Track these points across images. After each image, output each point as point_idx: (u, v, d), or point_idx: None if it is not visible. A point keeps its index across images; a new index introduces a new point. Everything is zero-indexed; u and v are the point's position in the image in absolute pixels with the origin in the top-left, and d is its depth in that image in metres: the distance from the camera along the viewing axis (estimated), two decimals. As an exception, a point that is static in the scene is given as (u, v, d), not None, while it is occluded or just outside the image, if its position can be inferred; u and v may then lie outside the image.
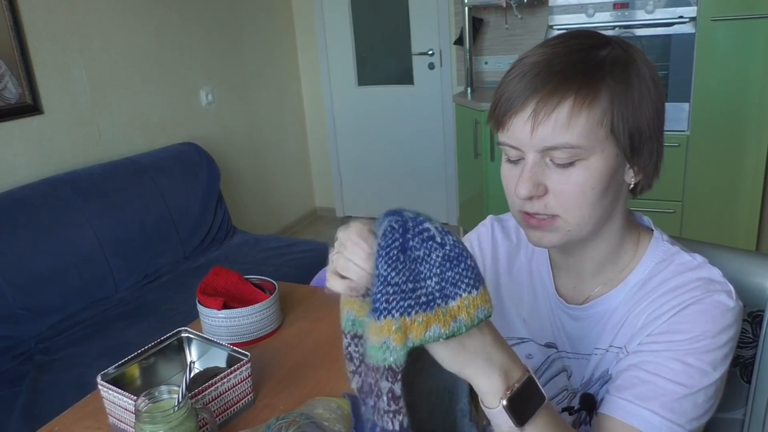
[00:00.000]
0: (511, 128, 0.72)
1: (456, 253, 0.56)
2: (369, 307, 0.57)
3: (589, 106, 0.68)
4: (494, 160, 3.10)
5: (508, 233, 0.95)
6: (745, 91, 2.64)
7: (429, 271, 0.56)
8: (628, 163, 0.74)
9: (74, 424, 1.11)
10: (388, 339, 0.55)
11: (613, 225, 0.78)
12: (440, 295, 0.56)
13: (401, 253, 0.56)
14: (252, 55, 3.77)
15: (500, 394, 0.59)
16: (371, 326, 0.56)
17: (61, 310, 2.22)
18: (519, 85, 0.71)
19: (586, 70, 0.69)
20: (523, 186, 0.71)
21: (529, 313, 0.89)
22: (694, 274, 0.76)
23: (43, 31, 2.51)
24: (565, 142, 0.69)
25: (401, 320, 0.55)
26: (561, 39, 0.74)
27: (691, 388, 0.69)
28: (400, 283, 0.55)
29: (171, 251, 2.69)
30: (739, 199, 2.79)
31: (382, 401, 0.57)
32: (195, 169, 2.93)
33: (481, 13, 3.61)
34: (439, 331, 0.55)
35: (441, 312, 0.56)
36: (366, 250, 0.57)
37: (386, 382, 0.56)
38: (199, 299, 1.33)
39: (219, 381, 1.05)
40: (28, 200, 2.27)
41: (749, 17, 2.55)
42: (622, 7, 2.73)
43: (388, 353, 0.55)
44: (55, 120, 2.57)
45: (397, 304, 0.55)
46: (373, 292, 0.55)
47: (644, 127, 0.72)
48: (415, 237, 0.56)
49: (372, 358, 0.56)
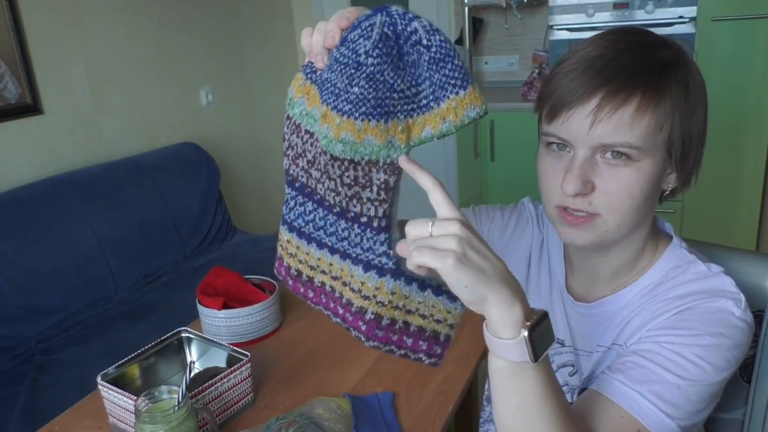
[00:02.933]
0: (568, 121, 0.69)
1: (442, 54, 0.58)
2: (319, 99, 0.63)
3: (654, 108, 0.67)
4: (494, 160, 3.10)
5: (540, 221, 0.93)
6: (745, 91, 2.64)
7: (422, 75, 0.59)
8: (673, 169, 0.72)
9: (74, 424, 1.11)
10: (393, 138, 0.60)
11: (641, 231, 0.77)
12: (433, 98, 0.60)
13: (400, 60, 0.59)
14: (252, 55, 3.77)
15: (520, 323, 0.58)
16: (375, 128, 0.59)
17: (61, 310, 2.22)
18: (582, 77, 0.68)
19: (653, 69, 0.67)
20: (571, 182, 0.69)
21: (544, 305, 0.89)
22: (704, 284, 0.75)
23: (43, 31, 2.51)
24: (624, 142, 0.67)
25: (405, 122, 0.60)
26: (618, 35, 0.71)
27: (685, 381, 0.68)
28: (405, 89, 0.59)
29: (171, 251, 2.69)
30: (739, 199, 2.79)
31: (368, 191, 0.62)
32: (195, 169, 2.93)
33: (481, 13, 3.61)
34: (430, 132, 0.61)
35: (433, 113, 0.60)
36: (333, 27, 0.60)
37: (383, 174, 0.61)
38: (199, 299, 1.33)
39: (219, 381, 1.05)
40: (28, 200, 2.27)
41: (749, 17, 2.55)
42: (622, 7, 2.73)
43: (393, 150, 0.61)
44: (55, 120, 2.57)
45: (402, 107, 0.60)
46: (377, 97, 0.59)
47: (695, 134, 0.70)
48: (407, 41, 0.59)
49: (375, 154, 0.60)
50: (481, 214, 0.96)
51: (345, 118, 0.60)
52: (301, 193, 0.70)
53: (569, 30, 2.87)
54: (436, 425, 1.06)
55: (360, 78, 0.59)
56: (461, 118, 0.59)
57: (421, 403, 1.11)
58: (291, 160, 0.69)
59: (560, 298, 0.86)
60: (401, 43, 0.58)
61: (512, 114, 3.05)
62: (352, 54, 0.59)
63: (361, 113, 0.59)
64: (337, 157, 0.62)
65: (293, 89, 0.68)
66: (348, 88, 0.59)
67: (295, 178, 0.70)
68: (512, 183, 3.19)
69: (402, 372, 1.20)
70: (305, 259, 0.71)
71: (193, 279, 2.35)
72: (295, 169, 0.69)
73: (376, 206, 0.63)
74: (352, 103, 0.59)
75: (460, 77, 0.58)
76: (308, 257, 0.71)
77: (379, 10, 0.59)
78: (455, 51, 0.58)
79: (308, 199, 0.69)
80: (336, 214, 0.66)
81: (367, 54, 0.58)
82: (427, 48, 0.58)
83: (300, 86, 0.68)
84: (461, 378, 1.19)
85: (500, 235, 0.93)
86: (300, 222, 0.71)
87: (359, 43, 0.59)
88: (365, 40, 0.59)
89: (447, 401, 1.12)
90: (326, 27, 0.61)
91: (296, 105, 0.67)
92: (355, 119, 0.60)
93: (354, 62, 0.59)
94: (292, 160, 0.69)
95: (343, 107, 0.60)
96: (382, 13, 0.59)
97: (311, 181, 0.68)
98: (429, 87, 0.59)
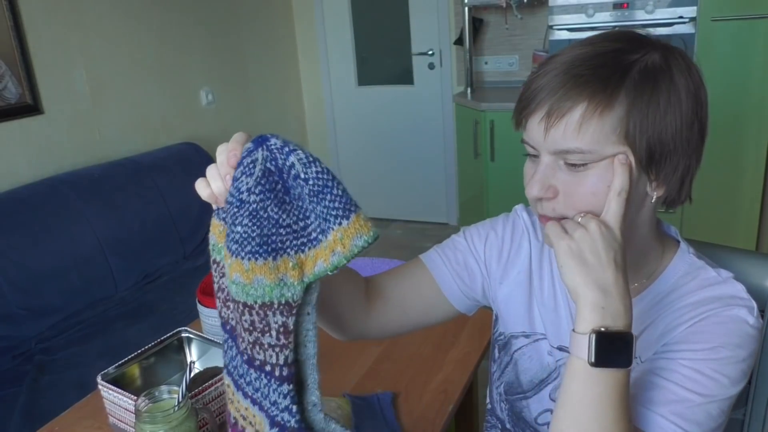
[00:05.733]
0: (528, 127, 0.72)
1: (320, 186, 0.57)
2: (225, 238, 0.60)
3: (602, 114, 0.66)
4: (494, 160, 3.10)
5: (536, 230, 0.92)
6: (745, 91, 2.64)
7: (308, 209, 0.58)
8: (645, 174, 0.71)
9: (74, 424, 1.11)
10: (285, 275, 0.57)
11: (634, 235, 0.75)
12: (320, 230, 0.58)
13: (286, 194, 0.58)
14: (252, 55, 3.77)
15: (592, 324, 0.63)
16: (263, 266, 0.57)
17: (61, 310, 2.22)
18: (538, 84, 0.70)
19: (607, 75, 0.67)
20: (533, 186, 0.71)
21: (549, 314, 0.87)
22: (716, 290, 0.74)
23: (43, 31, 2.51)
24: (575, 147, 0.67)
25: (296, 257, 0.58)
26: (597, 39, 0.72)
27: (705, 397, 0.68)
28: (291, 224, 0.58)
29: (171, 251, 2.69)
30: (739, 199, 2.79)
31: (268, 336, 0.59)
32: (195, 169, 2.90)
33: (481, 13, 3.61)
34: (323, 265, 0.58)
35: (322, 246, 0.58)
36: (226, 169, 0.60)
37: (280, 316, 0.58)
38: (199, 299, 1.33)
39: (219, 381, 1.05)
40: (28, 200, 2.27)
41: (749, 17, 2.55)
42: (621, 7, 2.73)
43: (286, 289, 0.57)
44: (55, 120, 2.57)
45: (291, 243, 0.58)
46: (263, 234, 0.57)
47: (667, 140, 0.69)
48: (289, 175, 0.57)
49: (267, 296, 0.58)
50: (473, 237, 0.93)
51: (233, 258, 0.58)
52: (230, 337, 0.67)
53: (569, 30, 2.87)
54: (436, 425, 1.06)
55: (243, 216, 0.58)
56: (350, 248, 0.56)
57: (421, 403, 1.11)
58: (222, 302, 0.66)
59: (566, 304, 0.85)
60: (285, 177, 0.57)
61: (512, 114, 3.05)
62: (236, 192, 0.59)
63: (246, 252, 0.57)
64: (236, 300, 0.59)
65: (214, 236, 0.66)
66: (233, 228, 0.58)
67: (226, 320, 0.67)
68: (512, 183, 3.18)
69: (402, 372, 1.20)
70: (238, 407, 0.68)
71: (193, 279, 2.35)
72: (226, 312, 0.66)
73: (277, 353, 0.59)
74: (237, 242, 0.58)
75: (341, 207, 0.56)
76: (239, 405, 0.67)
77: (260, 144, 0.58)
78: (334, 180, 0.57)
79: (234, 342, 0.66)
80: (246, 362, 0.63)
81: (249, 191, 0.57)
82: (305, 181, 0.56)
83: (220, 232, 0.65)
84: (461, 378, 1.18)
85: (498, 256, 0.91)
86: (230, 367, 0.67)
87: (242, 181, 0.58)
88: (248, 177, 0.58)
89: (447, 401, 1.12)
90: (219, 172, 0.62)
91: (221, 249, 0.65)
92: (242, 259, 0.58)
93: (237, 200, 0.58)
94: (223, 303, 0.66)
95: (231, 247, 0.58)
96: (263, 147, 0.58)
97: (236, 325, 0.65)
98: (315, 220, 0.58)
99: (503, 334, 0.92)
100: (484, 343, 1.29)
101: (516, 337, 0.90)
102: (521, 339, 0.89)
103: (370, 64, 4.17)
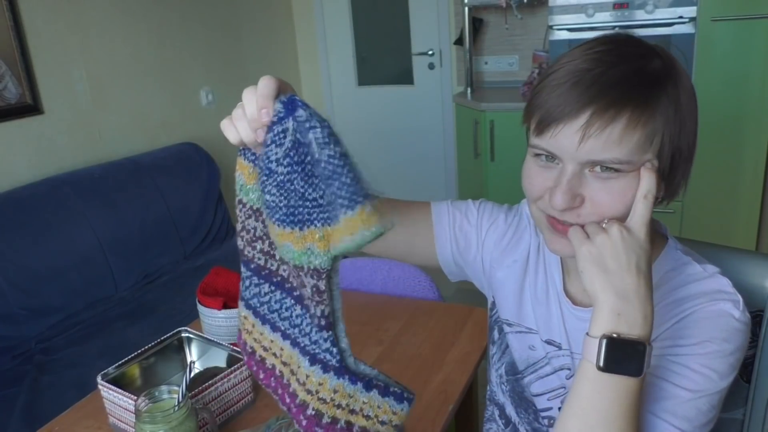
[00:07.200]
0: (557, 136, 0.68)
1: (329, 171, 0.55)
2: (256, 177, 0.61)
3: (644, 124, 0.66)
4: (494, 160, 3.11)
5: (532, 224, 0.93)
6: (744, 91, 2.64)
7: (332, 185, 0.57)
8: (663, 181, 0.71)
9: (74, 424, 1.11)
10: (312, 245, 0.57)
11: None
12: (341, 208, 0.56)
13: (314, 168, 0.57)
14: (252, 55, 3.77)
15: (605, 329, 0.64)
16: (290, 234, 0.58)
17: (61, 310, 2.22)
18: (571, 92, 0.67)
19: (644, 84, 0.67)
20: (561, 197, 0.69)
21: (541, 309, 0.88)
22: (701, 286, 0.75)
23: (43, 31, 2.51)
24: (614, 158, 0.67)
25: (323, 230, 0.57)
26: (608, 46, 0.70)
27: (694, 393, 0.68)
28: (318, 198, 0.57)
29: (171, 251, 2.69)
30: (739, 199, 2.79)
31: (305, 290, 0.60)
32: (195, 169, 2.92)
33: (481, 13, 3.61)
34: (348, 241, 0.56)
35: (338, 228, 0.57)
36: (257, 124, 0.60)
37: (311, 279, 0.59)
38: (199, 299, 1.33)
39: (219, 381, 1.05)
40: (28, 200, 2.27)
41: (749, 17, 2.55)
42: (621, 7, 2.73)
43: (313, 257, 0.58)
44: (55, 120, 2.57)
45: (318, 216, 0.57)
46: (289, 205, 0.57)
47: (684, 148, 0.70)
48: (318, 149, 0.56)
49: (296, 260, 0.59)
50: (485, 212, 0.96)
51: (268, 219, 0.59)
52: (256, 275, 0.68)
53: (569, 30, 2.86)
54: (436, 425, 1.06)
55: (271, 185, 0.58)
56: (351, 240, 0.55)
57: (421, 403, 1.11)
58: (246, 242, 0.67)
59: (557, 301, 0.86)
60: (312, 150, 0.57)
61: (512, 114, 3.05)
62: (266, 160, 0.58)
63: (275, 219, 0.58)
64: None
65: (243, 176, 0.66)
66: (263, 193, 0.59)
67: (250, 259, 0.68)
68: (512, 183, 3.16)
69: (402, 372, 1.20)
70: (259, 338, 0.69)
71: (193, 279, 2.34)
72: (251, 251, 0.67)
73: (314, 305, 0.61)
74: (268, 207, 0.59)
75: (347, 196, 0.54)
76: (262, 337, 0.69)
77: (290, 112, 0.56)
78: (345, 167, 0.54)
79: (265, 281, 0.67)
80: (294, 298, 0.64)
81: (278, 162, 0.57)
82: (318, 162, 0.55)
83: (250, 173, 0.65)
84: (461, 378, 1.19)
85: (498, 239, 0.93)
86: (255, 302, 0.69)
87: (272, 150, 0.58)
88: (277, 147, 0.57)
89: (447, 401, 1.12)
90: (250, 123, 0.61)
91: (251, 191, 0.66)
92: (273, 222, 0.59)
93: (267, 169, 0.58)
94: (248, 243, 0.67)
95: (263, 210, 0.60)
96: (293, 116, 0.56)
97: (271, 263, 0.66)
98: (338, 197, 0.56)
99: (499, 318, 0.94)
100: (484, 343, 1.29)
101: (505, 323, 0.93)
102: (506, 326, 0.93)
103: (370, 64, 4.17)
